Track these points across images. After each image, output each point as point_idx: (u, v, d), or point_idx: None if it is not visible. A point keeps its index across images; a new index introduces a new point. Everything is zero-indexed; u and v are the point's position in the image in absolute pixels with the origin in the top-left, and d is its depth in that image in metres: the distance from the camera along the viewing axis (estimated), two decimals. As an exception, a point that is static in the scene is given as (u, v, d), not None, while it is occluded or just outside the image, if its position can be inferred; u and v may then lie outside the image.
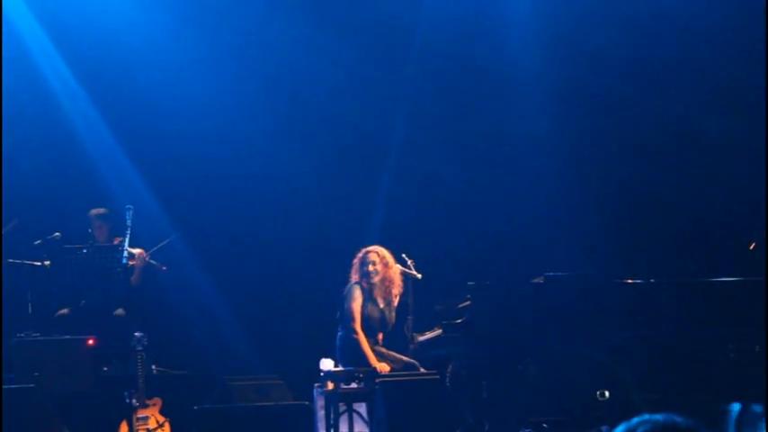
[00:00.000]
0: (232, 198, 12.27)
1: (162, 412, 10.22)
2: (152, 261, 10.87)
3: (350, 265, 9.89)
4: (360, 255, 9.86)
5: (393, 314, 9.83)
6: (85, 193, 11.83)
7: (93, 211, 11.03)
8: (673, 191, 12.11)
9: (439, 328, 10.03)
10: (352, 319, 9.64)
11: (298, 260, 12.07)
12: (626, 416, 3.57)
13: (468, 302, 9.93)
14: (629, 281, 9.95)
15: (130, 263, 10.65)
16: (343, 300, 9.75)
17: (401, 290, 9.88)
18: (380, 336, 9.85)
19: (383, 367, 9.48)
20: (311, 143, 12.32)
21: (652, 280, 9.98)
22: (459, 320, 9.90)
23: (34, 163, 11.82)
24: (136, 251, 10.75)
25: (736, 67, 11.87)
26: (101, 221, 10.97)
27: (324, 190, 12.28)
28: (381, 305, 9.77)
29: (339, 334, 9.76)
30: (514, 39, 12.22)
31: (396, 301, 9.86)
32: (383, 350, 9.72)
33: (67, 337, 10.32)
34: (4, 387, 9.13)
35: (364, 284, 9.74)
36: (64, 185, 11.89)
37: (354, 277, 9.81)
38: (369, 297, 9.74)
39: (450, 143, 12.42)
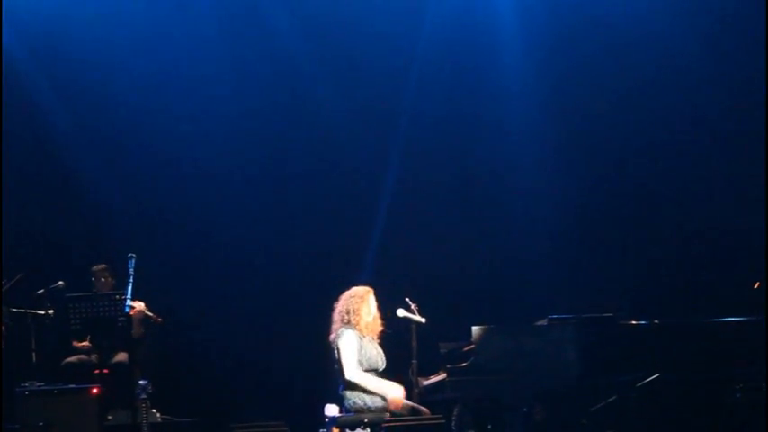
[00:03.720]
0: (235, 245, 12.32)
1: (167, 460, 10.18)
2: (149, 312, 10.83)
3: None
4: (353, 298, 9.68)
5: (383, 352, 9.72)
6: (88, 241, 11.89)
7: (96, 267, 11.12)
8: (675, 233, 12.14)
9: (443, 372, 10.01)
10: (354, 363, 9.53)
11: (300, 305, 12.06)
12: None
13: (472, 345, 9.91)
14: (634, 322, 9.95)
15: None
16: (338, 348, 9.57)
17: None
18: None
19: (396, 401, 9.33)
20: (307, 185, 12.41)
21: (656, 321, 9.98)
22: (463, 364, 9.88)
23: (36, 210, 11.90)
24: (135, 303, 10.73)
25: (726, 89, 11.99)
26: (106, 274, 11.06)
27: (322, 235, 12.32)
28: (374, 344, 9.66)
29: (341, 385, 9.60)
30: (508, 79, 12.38)
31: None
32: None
33: (72, 386, 10.30)
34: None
35: (359, 327, 9.60)
36: (66, 234, 11.96)
37: (340, 322, 9.64)
38: (363, 338, 9.63)
39: (448, 182, 12.47)
